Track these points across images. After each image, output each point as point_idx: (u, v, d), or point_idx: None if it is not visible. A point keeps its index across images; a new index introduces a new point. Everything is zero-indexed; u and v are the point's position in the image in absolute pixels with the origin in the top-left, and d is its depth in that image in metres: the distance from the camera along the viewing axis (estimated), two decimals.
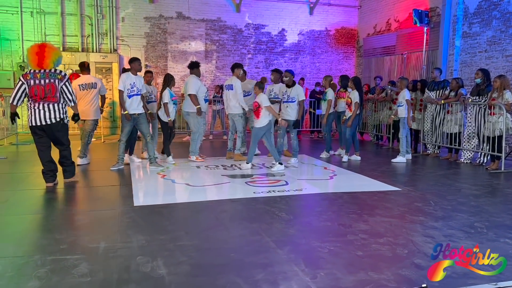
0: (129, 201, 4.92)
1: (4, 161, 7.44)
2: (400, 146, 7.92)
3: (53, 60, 5.33)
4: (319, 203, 5.06)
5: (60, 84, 5.33)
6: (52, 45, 5.59)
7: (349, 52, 14.50)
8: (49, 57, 5.30)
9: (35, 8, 11.53)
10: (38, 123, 5.30)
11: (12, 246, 3.45)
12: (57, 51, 5.49)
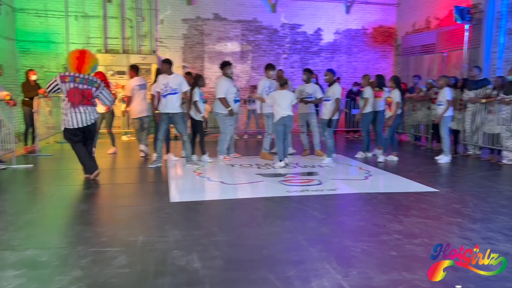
0: (166, 197, 5.07)
1: (50, 158, 7.82)
2: (443, 145, 7.72)
3: (91, 66, 5.67)
4: (353, 203, 5.04)
5: (96, 92, 5.71)
6: (91, 52, 5.90)
7: (386, 51, 14.24)
8: (88, 63, 5.63)
9: (79, 12, 12.03)
10: (79, 125, 5.63)
11: (57, 237, 3.65)
12: (95, 58, 5.84)
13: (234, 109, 7.53)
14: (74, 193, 5.42)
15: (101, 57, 12.05)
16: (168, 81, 6.82)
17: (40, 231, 3.83)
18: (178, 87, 6.87)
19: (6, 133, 7.20)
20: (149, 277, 2.91)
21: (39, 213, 4.43)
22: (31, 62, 11.42)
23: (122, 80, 12.12)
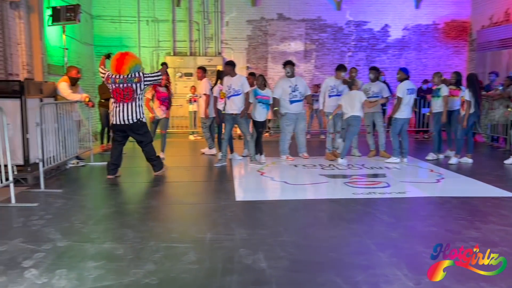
0: (232, 196, 5.17)
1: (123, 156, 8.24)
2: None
3: (129, 67, 5.86)
4: (424, 207, 4.81)
5: (138, 85, 5.87)
6: (133, 54, 6.09)
7: (460, 46, 13.44)
8: (126, 64, 5.87)
9: (150, 17, 12.62)
10: (119, 123, 5.92)
11: (132, 232, 3.85)
12: (135, 60, 6.00)
13: (292, 109, 7.43)
14: (145, 189, 5.70)
15: (170, 59, 12.58)
16: (231, 83, 6.98)
17: (116, 225, 4.06)
18: (241, 88, 6.99)
19: (85, 132, 7.74)
20: (217, 274, 2.98)
21: (114, 208, 4.70)
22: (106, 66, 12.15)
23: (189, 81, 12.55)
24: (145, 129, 6.12)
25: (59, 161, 6.28)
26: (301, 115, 7.59)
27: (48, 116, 6.01)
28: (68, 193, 5.29)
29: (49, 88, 6.56)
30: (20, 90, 5.65)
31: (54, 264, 3.13)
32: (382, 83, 8.02)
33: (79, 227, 3.98)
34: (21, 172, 5.68)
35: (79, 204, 4.82)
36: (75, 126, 6.92)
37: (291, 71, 7.47)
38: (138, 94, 5.90)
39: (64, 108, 6.55)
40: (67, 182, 6.05)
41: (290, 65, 7.48)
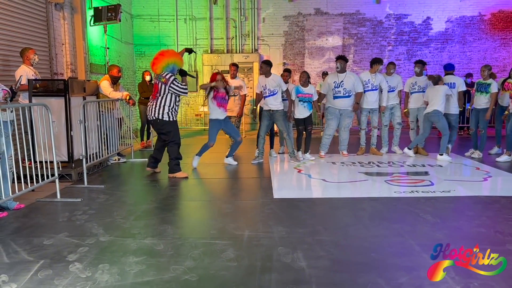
0: (269, 193, 5.14)
1: None
2: None
3: (162, 66, 5.89)
4: (470, 206, 4.60)
5: (164, 86, 5.87)
6: (168, 53, 6.04)
7: (508, 38, 12.77)
8: (158, 63, 5.91)
9: (188, 15, 12.78)
10: (148, 116, 6.10)
11: (172, 228, 3.90)
12: (170, 59, 5.91)
13: (334, 104, 7.27)
14: (185, 186, 5.76)
15: (207, 57, 12.70)
16: (266, 83, 6.95)
17: (156, 221, 4.12)
18: (277, 88, 6.97)
19: (126, 129, 7.93)
20: (256, 272, 2.96)
21: (154, 204, 4.78)
22: (146, 64, 12.43)
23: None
24: (168, 128, 5.98)
25: (101, 157, 6.46)
26: (345, 112, 7.32)
27: (90, 114, 6.19)
28: (110, 189, 5.43)
29: (92, 87, 6.75)
30: (65, 88, 5.85)
31: (97, 258, 3.21)
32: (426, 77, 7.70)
33: (120, 222, 4.07)
34: (65, 169, 5.89)
35: (120, 200, 4.93)
36: (116, 124, 7.10)
37: (341, 66, 7.24)
38: (162, 94, 5.90)
39: (106, 106, 6.74)
40: (109, 178, 6.22)
41: (340, 60, 7.25)
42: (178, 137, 6.11)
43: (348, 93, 7.21)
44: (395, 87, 7.53)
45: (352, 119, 7.51)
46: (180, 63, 6.08)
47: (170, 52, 6.11)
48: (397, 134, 7.77)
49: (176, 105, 6.03)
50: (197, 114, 12.90)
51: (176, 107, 6.03)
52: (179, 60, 6.07)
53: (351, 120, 7.49)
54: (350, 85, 7.20)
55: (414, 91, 7.47)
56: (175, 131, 6.06)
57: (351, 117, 7.45)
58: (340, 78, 7.24)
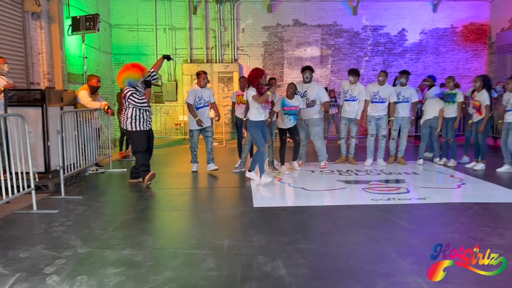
0: (249, 202, 5.16)
1: None
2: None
3: (121, 81, 5.96)
4: (445, 213, 4.72)
5: (125, 101, 5.97)
6: (125, 67, 6.00)
7: (479, 49, 13.24)
8: (118, 79, 6.07)
9: (167, 25, 12.79)
10: None
11: (151, 238, 3.88)
12: (125, 73, 5.88)
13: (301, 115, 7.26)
14: (163, 195, 5.73)
15: (187, 66, 12.72)
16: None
17: (135, 232, 4.09)
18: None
19: (104, 139, 7.85)
20: (236, 282, 2.97)
21: (133, 215, 4.74)
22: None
23: None
24: (130, 137, 6.20)
25: (79, 168, 6.38)
26: (310, 121, 7.27)
27: (68, 124, 6.12)
28: (88, 200, 5.36)
29: (69, 97, 6.68)
30: (42, 98, 5.76)
31: (75, 270, 3.17)
32: (412, 88, 7.84)
33: (99, 234, 4.02)
34: (42, 179, 5.79)
35: (98, 211, 4.88)
36: (94, 134, 7.03)
37: (310, 76, 7.29)
38: (126, 106, 6.01)
39: (84, 116, 6.67)
40: (86, 188, 6.14)
41: (309, 71, 7.28)
42: (140, 146, 6.08)
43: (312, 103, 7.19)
44: (385, 98, 7.39)
45: (320, 127, 7.34)
46: (134, 75, 5.93)
47: (125, 66, 6.07)
48: (382, 146, 7.65)
49: (140, 116, 5.99)
50: (176, 123, 12.86)
51: (140, 118, 5.99)
52: (133, 73, 5.96)
53: (320, 129, 7.34)
54: (314, 95, 7.15)
55: (399, 101, 7.53)
56: (138, 140, 6.07)
57: (318, 125, 7.29)
58: (304, 88, 7.27)
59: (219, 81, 12.77)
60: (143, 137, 6.09)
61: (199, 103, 7.06)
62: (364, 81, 12.47)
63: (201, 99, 7.04)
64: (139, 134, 6.05)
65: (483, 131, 7.10)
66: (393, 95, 7.43)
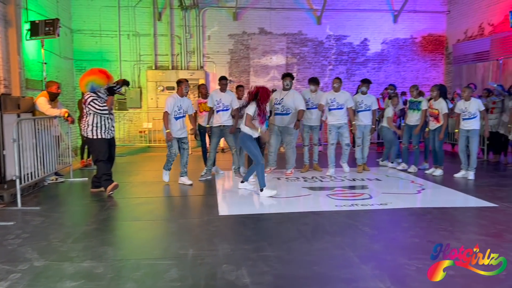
0: (215, 210, 5.12)
1: None
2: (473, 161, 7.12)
3: (84, 84, 5.79)
4: (405, 218, 4.85)
5: (85, 107, 5.81)
6: (90, 71, 5.89)
7: (437, 59, 13.77)
8: (80, 83, 5.89)
9: (131, 31, 12.59)
10: None
11: (112, 250, 3.77)
12: (89, 77, 5.74)
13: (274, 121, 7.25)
14: (126, 205, 5.60)
15: (151, 73, 12.55)
16: (221, 98, 7.00)
17: (96, 243, 3.97)
18: (230, 104, 7.05)
19: (64, 147, 7.60)
20: None
21: (94, 225, 4.60)
22: None
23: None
24: (91, 145, 6.04)
25: (37, 177, 6.14)
26: (284, 129, 7.26)
27: (25, 131, 5.89)
28: (46, 211, 5.16)
29: (27, 103, 6.44)
30: None
31: (30, 285, 3.03)
32: (373, 96, 8.00)
33: (57, 246, 3.88)
34: None
35: (57, 222, 4.70)
36: (54, 142, 6.79)
37: (290, 84, 7.25)
38: (86, 113, 5.84)
39: (43, 124, 6.43)
40: (45, 199, 5.91)
41: (288, 78, 7.22)
42: (102, 154, 5.91)
43: (286, 111, 7.16)
44: (343, 104, 7.37)
45: (293, 136, 7.35)
46: (100, 80, 5.79)
47: (91, 71, 5.92)
48: (345, 153, 7.67)
49: (102, 124, 5.85)
50: (141, 130, 12.63)
51: (102, 125, 5.84)
52: (99, 78, 5.79)
53: (293, 138, 7.35)
54: (290, 102, 7.13)
55: (361, 109, 7.66)
56: (99, 149, 5.90)
57: (292, 134, 7.30)
58: (282, 95, 7.24)
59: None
60: (105, 145, 5.92)
61: (178, 113, 6.62)
62: (329, 89, 12.66)
63: (180, 108, 6.64)
64: (100, 142, 5.88)
65: (443, 138, 7.36)
66: (349, 101, 7.38)
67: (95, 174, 6.18)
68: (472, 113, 7.03)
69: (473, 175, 7.07)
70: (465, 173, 7.16)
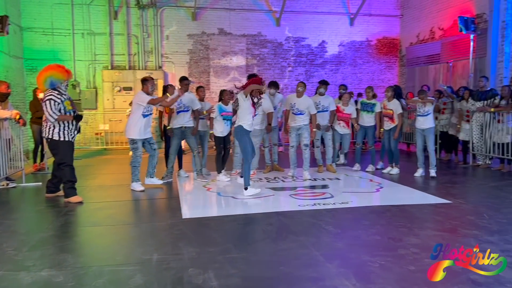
0: (178, 213, 5.04)
1: None
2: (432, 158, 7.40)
3: (42, 82, 5.46)
4: (366, 216, 4.98)
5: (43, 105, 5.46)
6: (48, 67, 5.58)
7: (391, 62, 14.27)
8: (38, 80, 5.51)
9: (85, 30, 12.16)
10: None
11: (72, 257, 3.62)
12: (48, 72, 5.44)
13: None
14: (85, 210, 5.40)
15: (107, 73, 12.19)
16: (182, 98, 6.89)
17: (54, 250, 3.80)
18: (190, 105, 6.96)
19: (16, 151, 7.23)
20: None
21: (51, 232, 4.40)
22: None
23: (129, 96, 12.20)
24: (58, 148, 5.53)
25: None
26: (255, 132, 7.10)
27: None
28: None
29: None
30: None
31: None
32: (330, 97, 8.10)
33: (11, 254, 3.68)
34: None
35: (10, 229, 4.46)
36: (4, 145, 6.44)
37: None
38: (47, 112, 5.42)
39: None
40: None
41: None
42: (69, 159, 5.60)
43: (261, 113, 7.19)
44: (303, 111, 7.22)
45: (259, 138, 7.35)
46: (59, 75, 5.48)
47: (49, 66, 5.61)
48: (306, 157, 7.43)
49: (68, 125, 5.55)
50: (97, 132, 12.23)
51: (68, 127, 5.55)
52: (57, 72, 5.49)
53: (258, 140, 7.34)
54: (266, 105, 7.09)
55: (318, 110, 7.71)
56: (66, 152, 5.56)
57: (257, 136, 7.27)
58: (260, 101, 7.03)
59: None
60: (71, 149, 5.63)
61: (147, 111, 6.39)
62: (288, 91, 12.84)
63: (148, 106, 6.44)
64: (67, 145, 5.56)
65: (398, 137, 7.63)
66: (311, 108, 7.28)
67: (50, 179, 5.91)
68: (426, 110, 7.30)
69: (435, 172, 7.29)
70: (423, 172, 7.42)
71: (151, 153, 6.56)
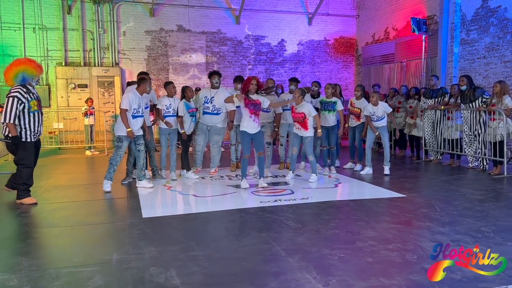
0: (138, 213, 4.96)
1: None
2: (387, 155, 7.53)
3: (11, 77, 5.17)
4: (326, 211, 5.11)
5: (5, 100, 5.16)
6: (18, 61, 5.34)
7: (348, 61, 14.64)
8: (6, 74, 5.21)
9: (37, 24, 11.67)
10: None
11: (27, 259, 3.48)
12: (19, 67, 5.19)
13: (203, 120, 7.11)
14: (40, 212, 5.20)
15: (61, 70, 11.76)
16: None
17: (7, 253, 3.65)
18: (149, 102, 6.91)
19: None
20: None
21: (3, 234, 4.21)
22: None
23: (84, 93, 11.84)
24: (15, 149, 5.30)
25: None
26: (213, 129, 7.08)
27: None
28: None
29: None
30: None
31: None
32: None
33: None
34: None
35: None
36: None
37: (219, 82, 7.08)
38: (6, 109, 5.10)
39: None
40: None
41: (215, 76, 7.05)
42: (29, 159, 5.35)
43: (218, 110, 7.02)
44: (269, 109, 7.19)
45: (221, 136, 7.26)
46: (31, 70, 5.22)
47: (19, 61, 5.35)
48: (268, 155, 7.42)
49: (28, 125, 5.25)
50: (50, 131, 11.77)
51: (29, 126, 5.25)
52: (29, 67, 5.22)
53: (220, 138, 7.28)
54: (221, 102, 6.98)
55: (286, 108, 7.69)
56: (27, 153, 5.30)
57: (220, 134, 7.21)
58: (212, 93, 7.05)
59: (98, 85, 12.05)
60: (33, 150, 5.34)
61: (138, 112, 6.15)
62: None
63: (139, 107, 6.17)
64: (29, 146, 5.27)
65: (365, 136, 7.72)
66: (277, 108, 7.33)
67: (14, 173, 5.57)
68: (380, 116, 7.41)
69: (389, 169, 7.42)
70: (370, 170, 7.50)
71: (136, 154, 6.34)
